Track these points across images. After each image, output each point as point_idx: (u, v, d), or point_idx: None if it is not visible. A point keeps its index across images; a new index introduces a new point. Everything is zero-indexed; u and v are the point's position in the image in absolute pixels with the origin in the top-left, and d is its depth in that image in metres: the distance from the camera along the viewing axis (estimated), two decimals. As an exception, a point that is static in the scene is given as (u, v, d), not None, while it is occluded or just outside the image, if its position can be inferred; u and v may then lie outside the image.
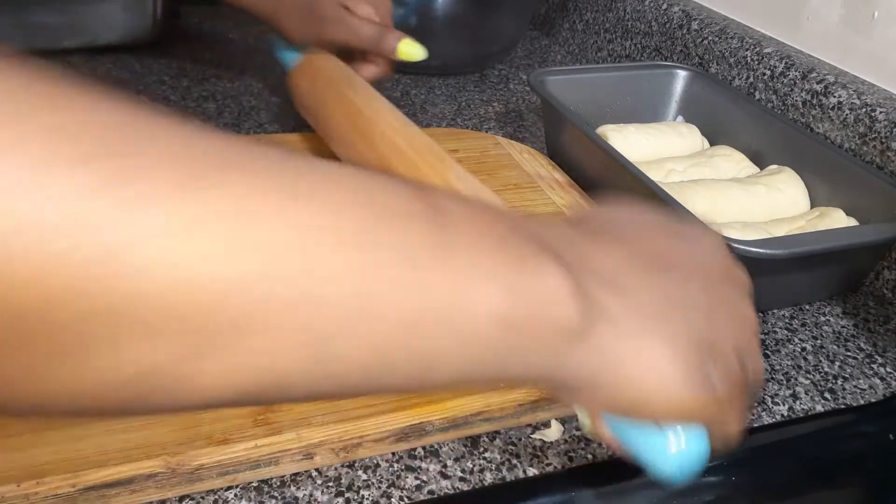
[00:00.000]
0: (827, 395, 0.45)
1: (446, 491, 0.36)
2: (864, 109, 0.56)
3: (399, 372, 0.21)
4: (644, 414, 0.25)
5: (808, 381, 0.46)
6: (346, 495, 0.35)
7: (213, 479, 0.34)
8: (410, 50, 0.63)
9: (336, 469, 0.37)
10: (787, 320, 0.51)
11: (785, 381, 0.45)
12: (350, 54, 0.64)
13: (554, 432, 0.40)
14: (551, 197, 0.59)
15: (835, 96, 0.59)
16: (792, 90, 0.63)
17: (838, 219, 0.52)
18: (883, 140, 0.55)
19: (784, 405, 0.44)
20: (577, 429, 0.40)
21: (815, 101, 0.61)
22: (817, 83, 0.61)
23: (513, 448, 0.39)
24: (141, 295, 0.16)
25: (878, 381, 0.46)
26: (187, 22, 0.98)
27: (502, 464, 0.38)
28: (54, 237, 0.15)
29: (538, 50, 1.01)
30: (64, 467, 0.33)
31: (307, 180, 0.19)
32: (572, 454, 0.39)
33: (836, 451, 0.42)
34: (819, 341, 0.49)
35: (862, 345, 0.49)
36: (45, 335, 0.15)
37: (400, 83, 0.84)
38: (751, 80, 0.68)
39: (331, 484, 0.36)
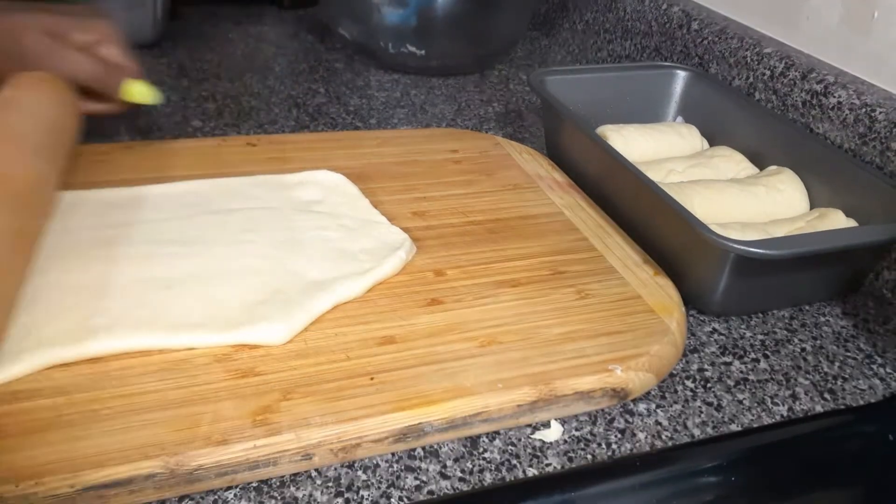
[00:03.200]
0: (827, 395, 0.45)
1: (446, 491, 0.36)
2: (863, 109, 0.56)
3: None
4: None
5: (807, 382, 0.46)
6: (346, 495, 0.35)
7: (212, 479, 0.34)
8: (141, 91, 0.55)
9: (335, 469, 0.37)
10: (787, 320, 0.51)
11: (785, 382, 0.45)
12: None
13: (554, 432, 0.40)
14: (551, 197, 0.59)
15: (835, 96, 0.59)
16: (792, 90, 0.63)
17: (838, 220, 0.52)
18: (883, 140, 0.55)
19: (784, 405, 0.44)
20: (577, 429, 0.40)
21: (814, 102, 0.61)
22: (817, 83, 0.61)
23: (512, 448, 0.39)
24: None
25: (877, 381, 0.46)
26: (187, 22, 0.98)
27: (502, 464, 0.38)
28: None
29: (538, 50, 1.01)
30: (62, 468, 0.33)
31: None
32: (572, 454, 0.39)
33: (836, 451, 0.42)
34: (819, 342, 0.49)
35: (862, 345, 0.49)
36: None
37: (400, 83, 0.85)
38: (751, 80, 0.68)
39: (330, 484, 0.36)
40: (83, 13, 0.55)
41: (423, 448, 0.38)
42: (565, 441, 0.40)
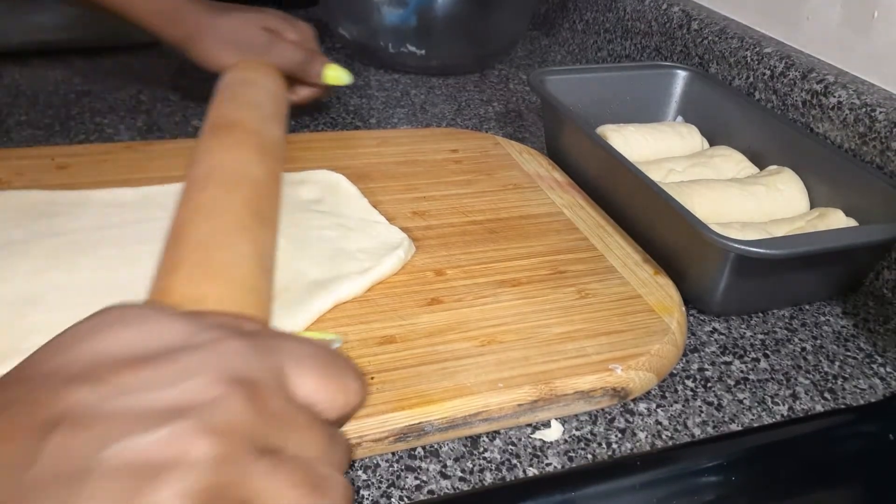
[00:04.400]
0: (827, 395, 0.45)
1: (446, 491, 0.36)
2: (863, 109, 0.56)
3: None
4: None
5: (808, 381, 0.46)
6: (346, 495, 0.35)
7: (213, 479, 0.34)
8: (336, 74, 0.65)
9: (336, 469, 0.37)
10: (787, 320, 0.51)
11: (785, 381, 0.45)
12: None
13: (554, 432, 0.40)
14: (551, 197, 0.59)
15: (835, 96, 0.59)
16: (792, 90, 0.63)
17: (838, 219, 0.52)
18: (883, 140, 0.55)
19: (784, 405, 0.44)
20: (577, 429, 0.40)
21: (814, 101, 0.61)
22: (817, 83, 0.61)
23: (513, 448, 0.39)
24: None
25: (878, 381, 0.46)
26: (187, 22, 0.97)
27: (502, 464, 0.38)
28: None
29: (538, 50, 1.01)
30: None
31: None
32: (572, 454, 0.39)
33: (836, 451, 0.41)
34: (819, 341, 0.49)
35: (862, 345, 0.49)
36: None
37: (400, 83, 0.85)
38: (751, 80, 0.68)
39: (330, 484, 0.36)
40: (284, 16, 0.66)
41: (424, 447, 0.38)
42: (565, 441, 0.40)
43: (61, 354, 0.22)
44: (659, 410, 0.42)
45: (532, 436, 0.40)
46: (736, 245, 0.44)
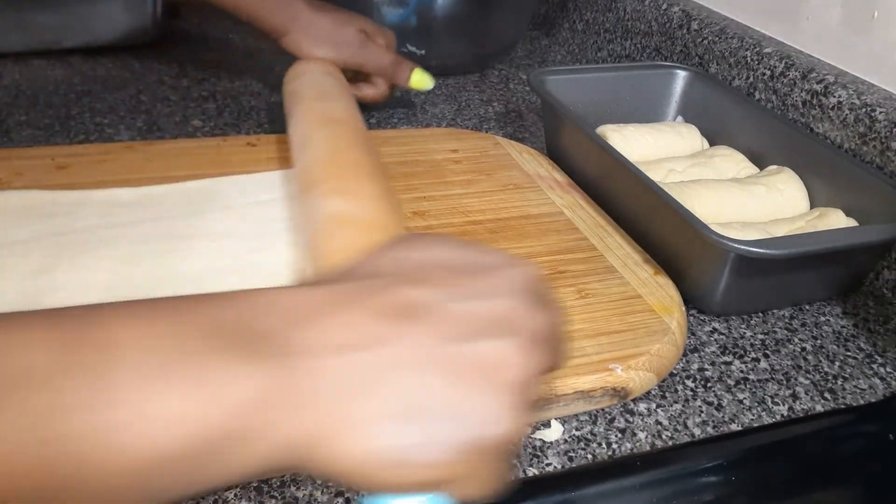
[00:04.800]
0: (827, 395, 0.45)
1: (446, 491, 0.36)
2: (863, 109, 0.56)
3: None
4: (369, 485, 0.23)
5: (808, 381, 0.46)
6: (347, 495, 0.35)
7: (213, 479, 0.34)
8: (422, 79, 0.69)
9: (336, 469, 0.37)
10: (787, 320, 0.51)
11: (785, 381, 0.45)
12: (353, 74, 0.68)
13: (554, 432, 0.40)
14: (551, 197, 0.59)
15: (835, 96, 0.59)
16: (792, 90, 0.63)
17: (838, 219, 0.52)
18: (883, 140, 0.55)
19: (784, 405, 0.44)
20: (577, 429, 0.40)
21: (814, 101, 0.61)
22: (817, 83, 0.61)
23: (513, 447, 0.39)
24: None
25: (878, 381, 0.46)
26: (187, 22, 0.98)
27: (502, 464, 0.38)
28: None
29: (538, 50, 1.01)
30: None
31: None
32: (572, 454, 0.39)
33: (836, 451, 0.42)
34: (819, 341, 0.49)
35: (862, 345, 0.49)
36: None
37: (400, 83, 0.84)
38: (751, 80, 0.68)
39: (331, 484, 0.36)
40: (372, 22, 0.69)
41: (424, 447, 0.38)
42: (566, 441, 0.40)
43: (393, 262, 0.25)
44: (659, 410, 0.42)
45: (532, 436, 0.40)
46: (736, 245, 0.44)
